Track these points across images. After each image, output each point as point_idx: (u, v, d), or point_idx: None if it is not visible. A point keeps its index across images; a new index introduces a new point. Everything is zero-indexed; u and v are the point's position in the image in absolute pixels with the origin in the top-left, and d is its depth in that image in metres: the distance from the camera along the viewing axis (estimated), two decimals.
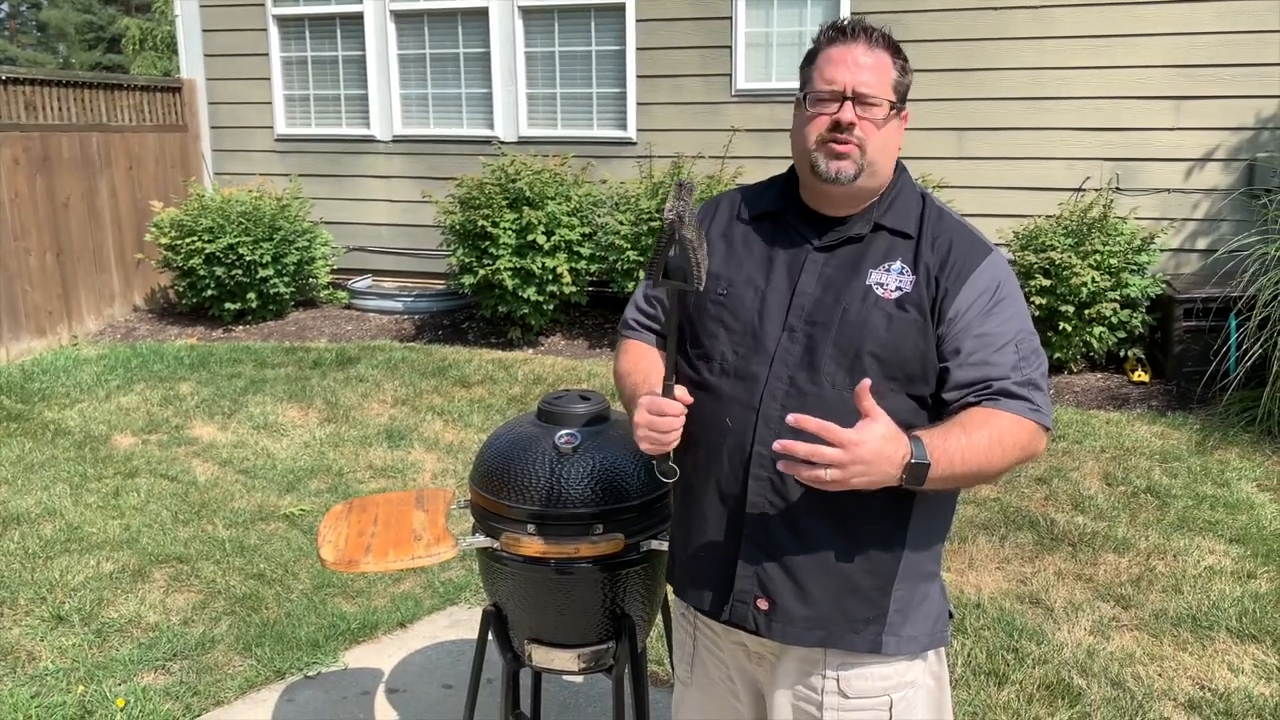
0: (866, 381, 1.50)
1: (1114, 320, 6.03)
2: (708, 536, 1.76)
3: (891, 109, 1.66)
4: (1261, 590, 3.73)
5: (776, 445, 1.47)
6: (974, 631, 3.47)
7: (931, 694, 1.77)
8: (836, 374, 1.64)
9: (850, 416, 1.61)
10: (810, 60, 1.71)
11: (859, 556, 1.67)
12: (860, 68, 1.64)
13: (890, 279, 1.66)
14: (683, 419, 1.67)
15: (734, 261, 1.77)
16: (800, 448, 1.45)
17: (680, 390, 1.68)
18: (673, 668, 2.10)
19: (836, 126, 1.64)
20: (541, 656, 2.26)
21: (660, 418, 1.65)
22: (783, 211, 1.77)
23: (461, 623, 3.62)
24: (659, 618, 2.51)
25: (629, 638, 2.22)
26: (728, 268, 1.76)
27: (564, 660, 2.25)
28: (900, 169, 1.77)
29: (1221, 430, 5.29)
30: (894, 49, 1.69)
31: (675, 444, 1.69)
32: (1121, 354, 6.30)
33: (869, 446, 1.46)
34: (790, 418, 1.48)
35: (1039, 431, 1.64)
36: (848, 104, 1.63)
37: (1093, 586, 3.80)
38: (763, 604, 1.70)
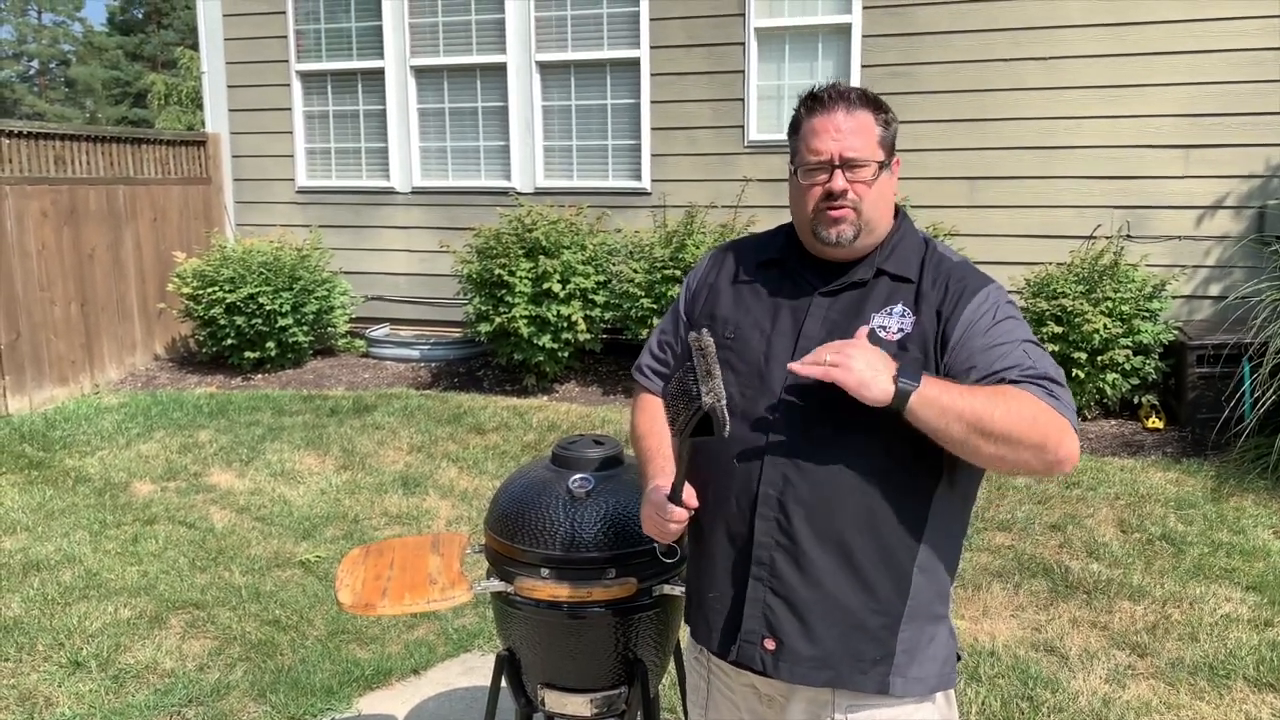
0: (866, 328, 1.68)
1: (1127, 367, 6.03)
2: (717, 576, 1.79)
3: (880, 167, 1.72)
4: (1279, 638, 3.70)
5: (791, 366, 1.63)
6: (989, 680, 3.45)
7: None
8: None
9: (859, 460, 1.66)
10: (795, 129, 1.78)
11: (866, 595, 1.70)
12: (843, 133, 1.70)
13: (892, 322, 1.71)
14: (687, 520, 1.75)
15: (741, 306, 1.82)
16: (807, 361, 1.62)
17: (689, 493, 1.73)
18: (685, 713, 2.12)
19: (829, 195, 1.70)
20: (554, 701, 2.27)
21: (667, 522, 1.73)
22: (787, 259, 1.83)
23: (475, 669, 3.63)
24: (671, 664, 2.52)
25: (641, 682, 2.24)
26: (735, 312, 1.82)
27: (576, 705, 2.26)
28: (901, 215, 1.82)
29: (1236, 477, 5.27)
30: (874, 105, 1.74)
31: (678, 537, 1.78)
32: (1135, 400, 6.29)
33: (857, 343, 1.61)
34: (790, 365, 1.63)
35: (1061, 424, 1.58)
36: (837, 172, 1.70)
37: (1108, 634, 3.78)
38: (769, 644, 1.73)
